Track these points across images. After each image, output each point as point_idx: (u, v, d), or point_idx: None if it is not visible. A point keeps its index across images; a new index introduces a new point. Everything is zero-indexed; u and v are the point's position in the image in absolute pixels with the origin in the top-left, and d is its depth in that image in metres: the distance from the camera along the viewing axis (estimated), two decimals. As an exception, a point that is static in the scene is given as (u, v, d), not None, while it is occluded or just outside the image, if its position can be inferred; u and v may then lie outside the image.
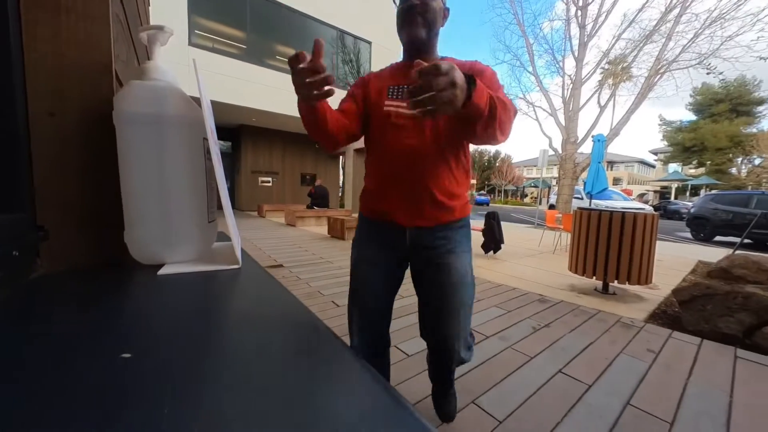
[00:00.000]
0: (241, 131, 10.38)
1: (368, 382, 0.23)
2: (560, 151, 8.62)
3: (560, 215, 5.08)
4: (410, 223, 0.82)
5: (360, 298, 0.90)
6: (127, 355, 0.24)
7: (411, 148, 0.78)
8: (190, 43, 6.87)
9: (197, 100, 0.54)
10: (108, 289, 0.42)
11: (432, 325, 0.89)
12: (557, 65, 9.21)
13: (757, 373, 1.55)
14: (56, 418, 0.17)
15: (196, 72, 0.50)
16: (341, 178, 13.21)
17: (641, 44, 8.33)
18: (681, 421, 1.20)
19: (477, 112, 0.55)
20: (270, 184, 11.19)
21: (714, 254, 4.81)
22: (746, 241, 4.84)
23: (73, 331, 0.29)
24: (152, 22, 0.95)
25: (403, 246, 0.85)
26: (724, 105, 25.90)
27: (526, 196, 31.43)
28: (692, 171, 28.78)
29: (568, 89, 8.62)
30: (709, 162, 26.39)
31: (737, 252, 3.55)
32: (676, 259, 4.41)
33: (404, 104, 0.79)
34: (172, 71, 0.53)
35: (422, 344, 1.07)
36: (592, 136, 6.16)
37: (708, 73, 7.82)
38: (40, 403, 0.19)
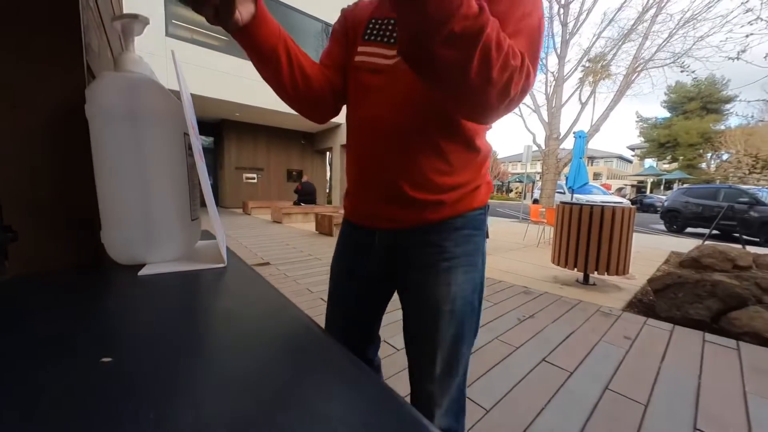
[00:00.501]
0: (223, 126, 10.07)
1: (361, 378, 0.23)
2: (543, 147, 8.83)
3: (544, 209, 5.22)
4: (379, 225, 0.61)
5: (338, 312, 0.72)
6: (108, 359, 0.23)
7: (378, 121, 0.54)
8: (167, 34, 6.58)
9: (176, 93, 0.52)
10: (85, 292, 0.40)
11: (408, 363, 0.64)
12: (540, 62, 9.38)
13: (723, 356, 1.66)
14: (33, 430, 0.17)
15: (175, 64, 0.48)
16: (328, 173, 13.08)
17: (620, 43, 8.61)
18: (654, 402, 1.27)
19: (414, 20, 0.29)
20: (255, 181, 10.96)
21: (685, 245, 5.08)
22: (714, 232, 5.13)
23: (48, 335, 0.27)
24: (126, 10, 0.91)
25: (376, 252, 0.63)
26: (695, 103, 27.25)
27: (511, 191, 32.15)
28: (666, 166, 30.19)
29: (551, 86, 8.82)
30: (681, 157, 27.77)
31: (706, 242, 3.77)
32: (651, 250, 4.64)
33: (382, 51, 0.55)
34: (149, 63, 0.50)
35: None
36: (574, 133, 6.34)
37: (682, 71, 8.18)
38: (11, 414, 0.18)
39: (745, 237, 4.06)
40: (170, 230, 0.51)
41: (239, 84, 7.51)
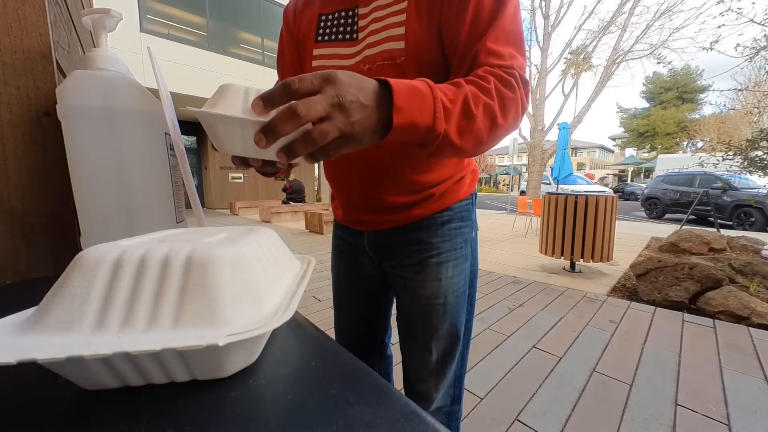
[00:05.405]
0: (206, 125, 9.80)
1: (355, 370, 0.23)
2: (529, 139, 8.98)
3: (530, 201, 5.33)
4: (365, 228, 0.60)
5: (344, 319, 0.72)
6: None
7: None
8: (142, 29, 6.31)
9: (154, 91, 0.50)
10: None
11: (403, 358, 0.64)
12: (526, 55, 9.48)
13: (700, 334, 1.75)
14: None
15: (152, 61, 0.46)
16: (317, 170, 12.94)
17: (600, 35, 8.79)
18: (639, 381, 1.33)
19: (412, 138, 0.33)
20: (241, 180, 10.72)
21: (665, 230, 5.29)
22: (691, 217, 5.36)
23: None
24: (96, 5, 0.86)
25: (366, 253, 0.62)
26: (671, 93, 28.18)
27: (499, 183, 32.64)
28: (646, 155, 31.20)
29: (534, 78, 8.93)
30: (660, 146, 28.74)
31: (683, 227, 3.93)
32: (632, 237, 4.80)
33: (340, 50, 0.52)
34: (124, 60, 0.48)
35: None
36: (558, 124, 6.47)
37: (658, 63, 8.43)
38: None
39: (719, 221, 4.26)
40: (155, 234, 0.50)
41: (219, 80, 7.30)
